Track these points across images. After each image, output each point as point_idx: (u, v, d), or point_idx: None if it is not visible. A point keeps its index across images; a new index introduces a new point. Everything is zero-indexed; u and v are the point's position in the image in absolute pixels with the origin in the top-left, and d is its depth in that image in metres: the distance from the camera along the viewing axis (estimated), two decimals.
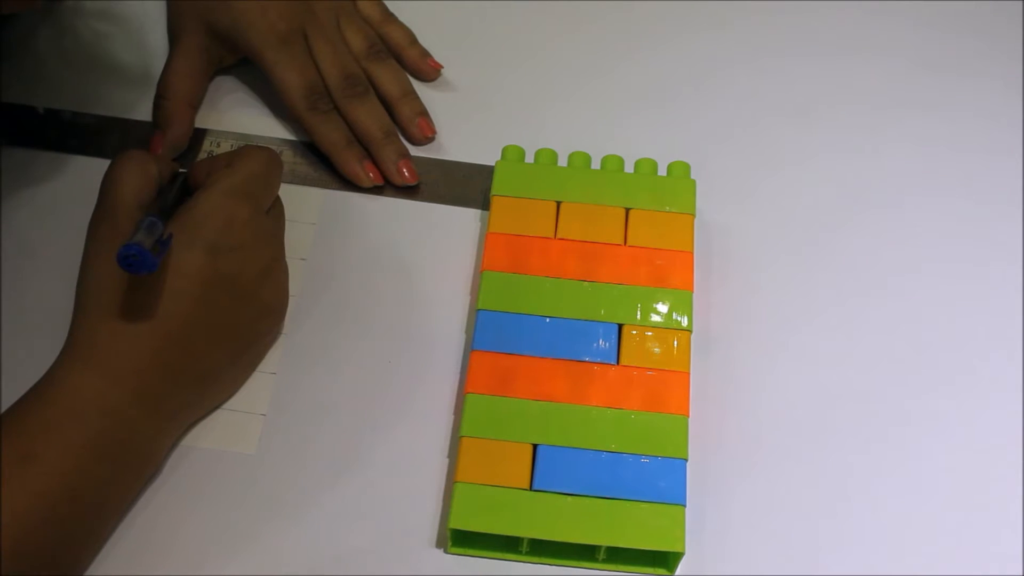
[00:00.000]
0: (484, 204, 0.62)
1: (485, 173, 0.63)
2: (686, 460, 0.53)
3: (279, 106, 0.66)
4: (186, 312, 0.51)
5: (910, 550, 0.54)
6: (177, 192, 0.55)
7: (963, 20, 0.73)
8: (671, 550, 0.51)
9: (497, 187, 0.61)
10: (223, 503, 0.53)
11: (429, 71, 0.67)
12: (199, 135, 0.65)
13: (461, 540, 0.52)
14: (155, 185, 0.54)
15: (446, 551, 0.53)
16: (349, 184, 0.64)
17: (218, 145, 0.65)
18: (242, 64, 0.67)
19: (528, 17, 0.71)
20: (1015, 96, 0.69)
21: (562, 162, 0.63)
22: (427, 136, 0.65)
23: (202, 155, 0.64)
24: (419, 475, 0.55)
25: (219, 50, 0.65)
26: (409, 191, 0.64)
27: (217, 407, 0.56)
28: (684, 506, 0.52)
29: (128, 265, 0.47)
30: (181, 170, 0.58)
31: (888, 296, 0.61)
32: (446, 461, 0.55)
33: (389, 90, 0.65)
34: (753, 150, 0.66)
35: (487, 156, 0.63)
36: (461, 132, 0.66)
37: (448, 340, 0.59)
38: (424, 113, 0.65)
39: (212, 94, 0.67)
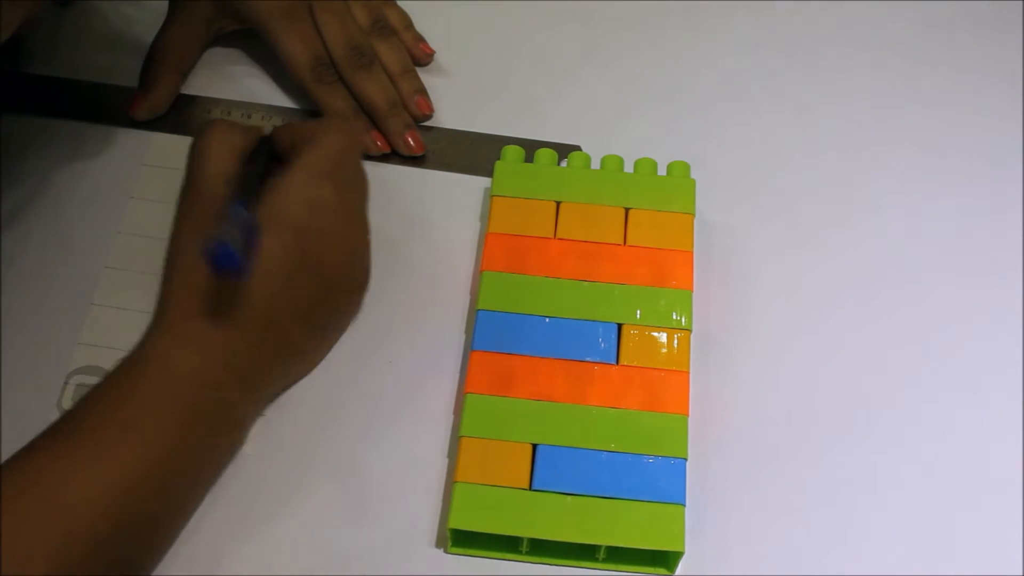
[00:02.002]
0: (490, 172, 0.62)
1: (491, 142, 0.65)
2: (686, 460, 0.53)
3: (277, 73, 0.67)
4: (273, 292, 0.52)
5: (910, 550, 0.54)
6: (263, 160, 0.55)
7: (964, 18, 0.72)
8: (671, 549, 0.51)
9: (497, 187, 0.61)
10: (223, 503, 0.53)
11: (421, 55, 0.68)
12: (188, 101, 0.66)
13: (461, 540, 0.52)
14: (239, 155, 0.54)
15: (446, 551, 0.53)
16: None
17: (208, 111, 0.65)
18: (240, 32, 0.67)
19: (530, 17, 0.71)
20: (1016, 95, 0.69)
21: (562, 162, 0.63)
22: (425, 114, 0.66)
23: (195, 122, 0.65)
24: (419, 475, 0.55)
25: (221, 19, 0.66)
26: (416, 159, 0.65)
27: (303, 376, 0.57)
28: (684, 506, 0.52)
29: (214, 262, 0.47)
30: (265, 133, 0.57)
31: (889, 295, 0.61)
32: (446, 461, 0.55)
33: (390, 66, 0.66)
34: (753, 150, 0.66)
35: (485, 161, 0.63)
36: (461, 132, 0.66)
37: (448, 340, 0.59)
38: (423, 91, 0.66)
39: (208, 60, 0.67)
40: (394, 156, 0.65)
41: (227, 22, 0.66)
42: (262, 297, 0.52)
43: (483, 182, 0.64)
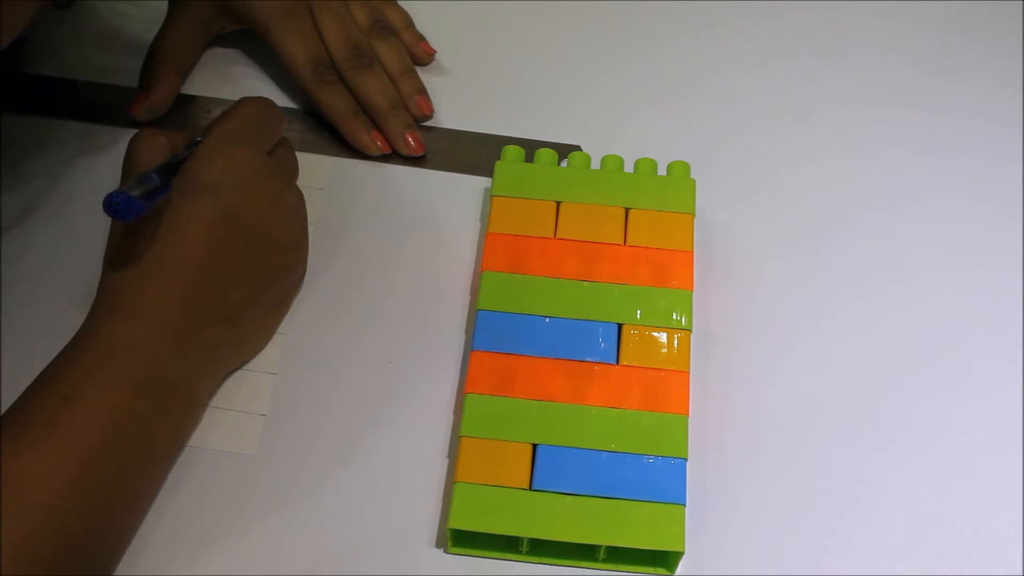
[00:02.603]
0: (490, 172, 0.62)
1: (491, 142, 0.65)
2: (686, 460, 0.53)
3: (277, 73, 0.67)
4: (197, 254, 0.53)
5: (910, 550, 0.54)
6: (191, 154, 0.56)
7: (963, 21, 0.72)
8: (671, 549, 0.51)
9: (497, 187, 0.61)
10: (223, 503, 0.53)
11: (422, 55, 0.68)
12: (187, 101, 0.66)
13: (461, 540, 0.52)
14: (167, 154, 0.55)
15: (446, 551, 0.53)
16: (356, 152, 0.65)
17: (208, 111, 0.66)
18: (240, 32, 0.67)
19: (530, 17, 0.71)
20: (1015, 97, 0.69)
21: (562, 162, 0.63)
22: (425, 114, 0.66)
23: (194, 122, 0.66)
24: (419, 475, 0.55)
25: (220, 20, 0.66)
26: (416, 159, 0.65)
27: (259, 349, 0.57)
28: (684, 506, 0.52)
29: (114, 211, 0.50)
30: (199, 139, 0.58)
31: (888, 296, 0.61)
32: (446, 461, 0.55)
33: (390, 66, 0.66)
34: (753, 150, 0.66)
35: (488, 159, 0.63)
36: (461, 132, 0.66)
37: (448, 340, 0.59)
38: (423, 91, 0.66)
39: (208, 60, 0.68)
40: (394, 156, 0.65)
41: (226, 22, 0.66)
42: (190, 263, 0.53)
43: (483, 182, 0.64)
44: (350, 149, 0.65)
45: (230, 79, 0.67)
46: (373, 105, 0.64)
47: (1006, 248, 0.63)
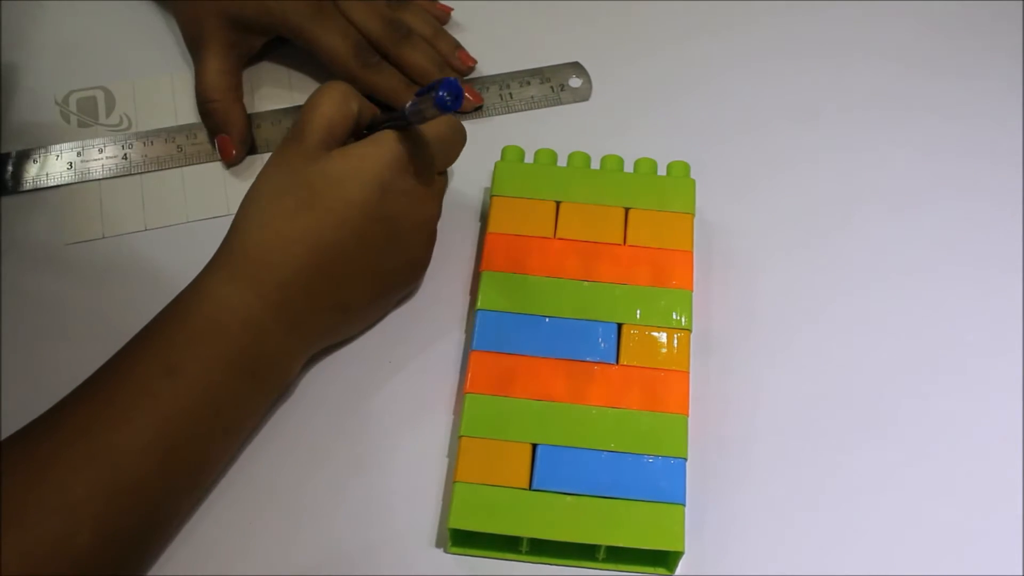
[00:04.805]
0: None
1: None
2: (686, 459, 0.53)
3: (315, 72, 0.67)
4: (340, 239, 0.52)
5: (910, 550, 0.54)
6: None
7: (963, 21, 0.72)
8: (671, 549, 0.51)
9: (497, 187, 0.61)
10: (224, 503, 0.53)
11: (442, 14, 0.69)
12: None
13: (461, 540, 0.52)
14: (351, 123, 0.55)
15: (446, 551, 0.53)
16: None
17: (258, 126, 0.65)
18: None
19: (530, 17, 0.71)
20: (1016, 97, 0.69)
21: (562, 162, 0.63)
22: (469, 66, 0.67)
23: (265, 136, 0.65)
24: (419, 475, 0.55)
25: (247, 40, 0.65)
26: (477, 112, 0.66)
27: (346, 341, 0.57)
28: (684, 505, 0.52)
29: (444, 101, 0.48)
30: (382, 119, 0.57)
31: (888, 296, 0.61)
32: (446, 461, 0.55)
33: (421, 31, 0.66)
34: (753, 150, 0.66)
35: (485, 159, 0.63)
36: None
37: (448, 340, 0.59)
38: (459, 46, 0.67)
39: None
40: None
41: (254, 39, 0.65)
42: (329, 242, 0.52)
43: (483, 182, 0.64)
44: None
45: (274, 92, 0.67)
46: (423, 71, 0.65)
47: (1006, 248, 0.63)
